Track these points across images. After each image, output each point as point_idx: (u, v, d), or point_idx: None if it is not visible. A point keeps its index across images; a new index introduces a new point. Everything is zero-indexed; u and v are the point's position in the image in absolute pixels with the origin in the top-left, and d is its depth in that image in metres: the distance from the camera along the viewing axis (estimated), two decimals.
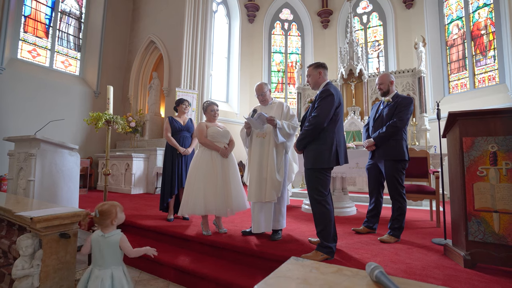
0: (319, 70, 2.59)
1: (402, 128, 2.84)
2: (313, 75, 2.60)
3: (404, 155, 2.82)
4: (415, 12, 9.34)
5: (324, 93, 2.42)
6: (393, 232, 2.79)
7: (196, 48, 7.57)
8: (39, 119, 6.55)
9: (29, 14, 7.24)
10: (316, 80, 2.59)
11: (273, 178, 2.73)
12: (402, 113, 2.83)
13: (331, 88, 2.43)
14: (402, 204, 2.83)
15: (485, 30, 7.95)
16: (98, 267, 1.58)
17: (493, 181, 2.02)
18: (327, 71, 2.62)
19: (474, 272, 1.99)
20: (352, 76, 7.73)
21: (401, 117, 2.82)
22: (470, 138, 2.12)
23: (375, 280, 0.69)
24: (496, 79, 7.60)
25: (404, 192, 2.86)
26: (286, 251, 2.41)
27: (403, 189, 2.85)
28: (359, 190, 6.35)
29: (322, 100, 2.39)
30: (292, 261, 0.83)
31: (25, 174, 3.31)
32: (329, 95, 2.38)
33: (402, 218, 2.81)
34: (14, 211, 1.75)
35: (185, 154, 3.80)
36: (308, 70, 2.66)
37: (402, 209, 2.82)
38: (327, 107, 2.36)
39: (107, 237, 1.62)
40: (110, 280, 1.54)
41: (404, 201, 2.85)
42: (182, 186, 3.68)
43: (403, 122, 2.83)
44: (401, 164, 2.84)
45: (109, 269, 1.57)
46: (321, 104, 2.38)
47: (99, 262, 1.58)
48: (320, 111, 2.36)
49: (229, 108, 10.46)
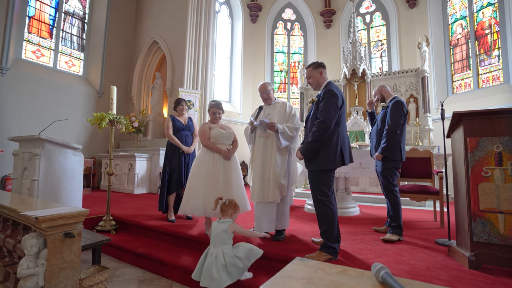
0: (319, 70, 2.55)
1: (397, 130, 2.94)
2: (314, 75, 2.56)
3: (398, 156, 2.97)
4: (418, 12, 9.29)
5: (327, 94, 2.37)
6: (393, 230, 2.87)
7: (199, 48, 7.59)
8: (43, 119, 6.59)
9: (33, 15, 7.29)
10: (318, 80, 2.56)
11: (276, 179, 2.73)
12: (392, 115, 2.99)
13: (334, 88, 2.41)
14: (394, 198, 2.96)
15: (489, 29, 7.89)
16: (213, 246, 2.05)
17: (498, 182, 2.01)
18: (326, 70, 2.60)
19: (479, 273, 1.98)
20: (355, 76, 7.71)
21: (392, 119, 2.97)
22: (475, 138, 2.11)
23: (381, 281, 0.68)
24: (501, 78, 7.54)
25: (395, 189, 2.99)
26: (289, 251, 2.41)
27: (394, 187, 3.00)
28: (362, 190, 6.33)
29: (327, 101, 2.34)
30: (297, 262, 0.82)
31: (30, 173, 3.34)
32: (332, 96, 2.35)
33: (397, 214, 2.90)
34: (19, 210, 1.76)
35: (187, 152, 3.80)
36: (308, 71, 2.61)
37: (394, 201, 2.94)
38: (332, 109, 2.31)
39: (221, 222, 2.10)
40: (221, 255, 1.96)
41: (397, 197, 2.97)
42: (183, 186, 3.68)
43: (395, 123, 2.94)
44: (394, 163, 2.99)
45: (220, 248, 2.00)
46: (326, 106, 2.33)
47: (214, 243, 2.05)
48: (326, 115, 2.30)
49: (231, 108, 10.46)
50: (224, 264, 1.96)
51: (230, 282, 1.94)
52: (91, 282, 1.92)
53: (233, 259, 1.98)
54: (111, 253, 3.11)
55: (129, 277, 2.60)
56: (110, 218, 3.59)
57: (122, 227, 3.62)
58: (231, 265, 1.96)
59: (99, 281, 1.98)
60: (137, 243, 3.10)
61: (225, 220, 2.11)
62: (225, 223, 2.09)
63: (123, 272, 2.69)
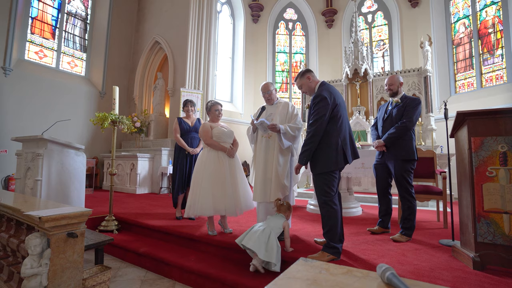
0: (306, 76, 2.55)
1: (411, 128, 2.88)
2: (304, 83, 2.57)
3: (413, 155, 2.87)
4: (420, 11, 9.25)
5: (316, 98, 2.38)
6: (405, 231, 2.81)
7: (200, 48, 7.59)
8: (45, 119, 6.63)
9: (36, 15, 7.32)
10: (309, 86, 2.56)
11: (278, 179, 2.72)
12: (410, 113, 2.88)
13: (323, 91, 2.38)
14: (412, 203, 2.86)
15: (492, 28, 7.84)
16: (266, 224, 2.37)
17: (503, 182, 1.99)
18: (313, 72, 2.60)
19: (483, 274, 1.97)
20: (357, 75, 7.68)
21: (410, 117, 2.87)
22: (479, 138, 2.09)
23: (387, 282, 0.68)
24: (504, 78, 7.49)
25: (413, 191, 2.89)
26: (292, 252, 2.40)
27: (412, 188, 2.89)
28: (364, 191, 6.31)
29: (315, 105, 2.36)
30: (301, 262, 0.82)
31: (33, 173, 3.35)
32: (321, 100, 2.34)
33: (413, 217, 2.82)
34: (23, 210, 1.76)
35: (193, 153, 3.88)
36: (297, 83, 2.62)
37: (412, 208, 2.85)
38: (320, 112, 2.31)
39: (277, 215, 2.49)
40: (268, 233, 2.23)
41: (414, 200, 2.88)
42: (189, 186, 3.70)
43: (412, 122, 2.86)
44: (410, 163, 2.88)
45: (269, 231, 2.26)
46: (315, 110, 2.35)
47: (268, 222, 2.40)
48: (315, 117, 2.33)
49: (233, 108, 10.46)
50: (266, 241, 2.18)
51: (263, 252, 2.13)
52: (94, 282, 1.93)
53: (273, 242, 2.20)
54: (114, 253, 3.12)
55: (131, 277, 2.60)
56: (113, 218, 3.60)
57: (124, 227, 3.63)
58: (271, 245, 2.18)
59: (102, 281, 1.98)
60: (139, 243, 3.10)
61: (281, 215, 2.49)
62: (281, 217, 2.47)
63: (125, 272, 2.70)
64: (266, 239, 2.19)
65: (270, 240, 2.20)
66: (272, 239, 2.21)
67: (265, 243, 2.17)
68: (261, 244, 2.16)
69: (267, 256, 2.12)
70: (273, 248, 2.17)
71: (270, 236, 2.22)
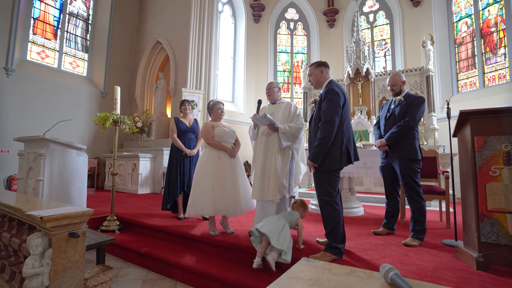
0: (320, 68, 2.54)
1: (414, 127, 2.82)
2: (315, 74, 2.56)
3: (417, 154, 2.79)
4: (422, 11, 9.21)
5: (329, 93, 2.36)
6: (416, 234, 2.71)
7: (202, 48, 7.59)
8: (47, 119, 6.64)
9: (38, 16, 7.34)
10: (318, 79, 2.55)
11: (277, 178, 2.70)
12: (414, 112, 2.82)
13: (335, 87, 2.38)
14: (422, 204, 2.77)
15: (495, 27, 7.80)
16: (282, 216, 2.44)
17: (506, 181, 1.97)
18: (329, 69, 2.58)
19: (487, 274, 1.95)
20: (359, 75, 7.66)
21: (413, 116, 2.80)
22: (482, 137, 2.07)
23: (390, 282, 0.67)
24: (507, 77, 7.45)
25: (421, 191, 2.80)
26: (294, 252, 2.39)
27: (420, 188, 2.80)
28: (366, 190, 6.28)
29: (329, 101, 2.33)
30: (303, 262, 0.81)
31: (35, 173, 3.36)
32: (334, 95, 2.33)
33: (423, 220, 2.73)
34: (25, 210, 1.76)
35: (190, 155, 3.82)
36: (310, 69, 2.61)
37: (422, 210, 2.75)
38: (334, 109, 2.30)
39: (292, 212, 2.56)
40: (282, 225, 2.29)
41: (423, 200, 2.79)
42: (187, 187, 3.70)
43: (415, 121, 2.80)
44: (416, 163, 2.80)
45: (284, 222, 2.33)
46: (328, 106, 2.31)
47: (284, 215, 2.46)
48: (328, 115, 2.29)
49: (235, 108, 10.46)
50: (280, 230, 2.24)
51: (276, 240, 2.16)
52: (95, 282, 1.93)
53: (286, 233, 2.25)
54: (115, 253, 3.12)
55: (133, 277, 2.60)
56: (114, 218, 3.60)
57: (126, 227, 3.63)
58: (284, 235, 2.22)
59: (103, 281, 1.98)
60: (141, 243, 3.10)
61: (295, 212, 2.55)
62: (295, 214, 2.53)
63: (127, 272, 2.70)
64: (280, 228, 2.25)
65: (284, 230, 2.25)
66: (286, 230, 2.26)
67: (279, 232, 2.21)
68: (275, 231, 2.20)
69: (279, 244, 2.15)
70: (286, 238, 2.20)
71: (284, 227, 2.28)
